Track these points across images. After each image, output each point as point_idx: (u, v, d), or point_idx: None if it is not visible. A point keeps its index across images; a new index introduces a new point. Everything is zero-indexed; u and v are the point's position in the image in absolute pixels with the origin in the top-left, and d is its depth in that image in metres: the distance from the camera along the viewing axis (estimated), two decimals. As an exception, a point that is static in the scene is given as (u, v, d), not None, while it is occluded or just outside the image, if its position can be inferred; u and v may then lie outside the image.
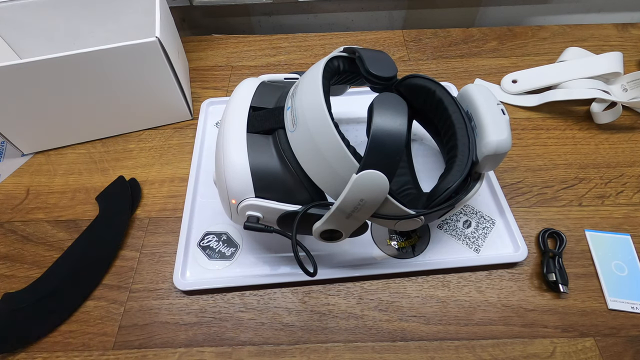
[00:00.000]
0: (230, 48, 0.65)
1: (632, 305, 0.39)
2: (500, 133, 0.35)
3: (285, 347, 0.37)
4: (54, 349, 0.38)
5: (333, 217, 0.32)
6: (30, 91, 0.44)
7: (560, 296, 0.40)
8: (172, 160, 0.51)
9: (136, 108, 0.51)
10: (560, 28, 0.66)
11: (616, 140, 0.52)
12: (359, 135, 0.52)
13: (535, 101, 0.56)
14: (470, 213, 0.45)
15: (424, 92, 0.41)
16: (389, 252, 0.42)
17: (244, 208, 0.33)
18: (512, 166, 0.49)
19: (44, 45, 0.54)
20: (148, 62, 0.46)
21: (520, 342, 0.37)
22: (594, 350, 0.37)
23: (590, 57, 0.57)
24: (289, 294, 0.40)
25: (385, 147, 0.29)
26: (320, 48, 0.65)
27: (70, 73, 0.44)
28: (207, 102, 0.56)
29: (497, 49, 0.64)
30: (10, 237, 0.45)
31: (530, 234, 0.44)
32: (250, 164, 0.33)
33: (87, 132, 0.53)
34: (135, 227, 0.45)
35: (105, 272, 0.42)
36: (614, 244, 0.43)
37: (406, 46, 0.65)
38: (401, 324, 0.38)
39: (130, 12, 0.54)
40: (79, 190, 0.49)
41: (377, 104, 0.31)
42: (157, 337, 0.38)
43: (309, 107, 0.32)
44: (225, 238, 0.44)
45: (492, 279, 0.41)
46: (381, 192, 0.30)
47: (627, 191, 0.47)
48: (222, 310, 0.40)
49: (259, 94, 0.38)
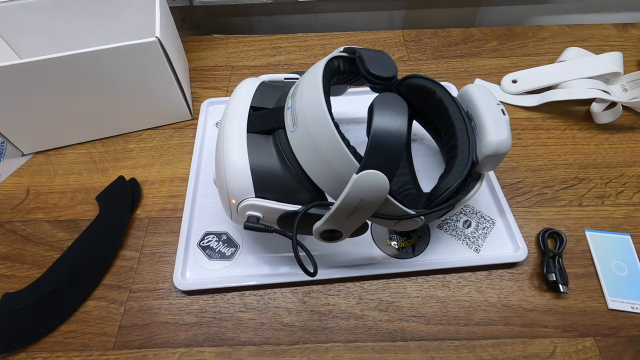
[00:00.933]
0: (230, 48, 0.65)
1: (632, 305, 0.39)
2: (500, 133, 0.35)
3: (285, 347, 0.37)
4: (54, 349, 0.38)
5: (333, 217, 0.32)
6: (30, 91, 0.44)
7: (560, 296, 0.40)
8: (172, 160, 0.51)
9: (136, 108, 0.51)
10: (560, 28, 0.66)
11: (616, 140, 0.52)
12: (359, 135, 0.52)
13: (535, 101, 0.56)
14: (470, 213, 0.45)
15: (424, 92, 0.41)
16: (389, 252, 0.42)
17: (244, 208, 0.33)
18: (512, 166, 0.49)
19: (44, 45, 0.54)
20: (148, 62, 0.46)
21: (520, 342, 0.37)
22: (594, 350, 0.37)
23: (590, 57, 0.57)
24: (289, 294, 0.40)
25: (385, 147, 0.29)
26: (320, 48, 0.65)
27: (70, 73, 0.44)
28: (207, 102, 0.56)
29: (497, 49, 0.64)
30: (10, 237, 0.45)
31: (530, 234, 0.44)
32: (250, 164, 0.33)
33: (87, 132, 0.53)
34: (135, 227, 0.45)
35: (105, 272, 0.42)
36: (614, 244, 0.43)
37: (406, 46, 0.65)
38: (401, 324, 0.38)
39: (130, 12, 0.54)
40: (79, 190, 0.49)
41: (377, 104, 0.31)
42: (157, 337, 0.38)
43: (309, 107, 0.32)
44: (225, 238, 0.44)
45: (492, 279, 0.41)
46: (381, 192, 0.30)
47: (627, 191, 0.47)
48: (222, 310, 0.40)
49: (259, 94, 0.38)
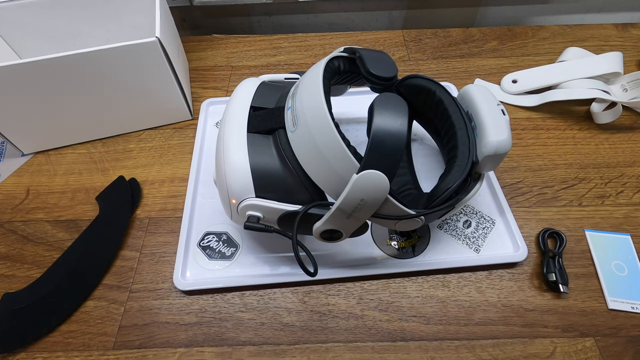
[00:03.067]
0: (230, 48, 0.65)
1: (632, 305, 0.39)
2: (500, 133, 0.35)
3: (285, 347, 0.37)
4: (54, 349, 0.38)
5: (333, 217, 0.32)
6: (30, 91, 0.44)
7: (560, 296, 0.40)
8: (172, 160, 0.51)
9: (136, 108, 0.51)
10: (560, 28, 0.66)
11: (616, 140, 0.52)
12: (359, 135, 0.52)
13: (535, 101, 0.56)
14: (470, 213, 0.45)
15: (424, 92, 0.41)
16: (389, 252, 0.42)
17: (244, 208, 0.33)
18: (512, 166, 0.49)
19: (44, 45, 0.54)
20: (148, 62, 0.46)
21: (520, 342, 0.37)
22: (594, 350, 0.37)
23: (590, 57, 0.57)
24: (289, 294, 0.40)
25: (385, 147, 0.29)
26: (320, 48, 0.65)
27: (70, 73, 0.44)
28: (207, 102, 0.56)
29: (497, 49, 0.64)
30: (10, 237, 0.45)
31: (530, 234, 0.44)
32: (250, 164, 0.33)
33: (87, 132, 0.53)
34: (135, 227, 0.45)
35: (105, 272, 0.42)
36: (614, 244, 0.43)
37: (406, 46, 0.65)
38: (401, 324, 0.38)
39: (130, 12, 0.54)
40: (79, 190, 0.49)
41: (377, 104, 0.31)
42: (157, 337, 0.38)
43: (310, 107, 0.32)
44: (225, 238, 0.44)
45: (492, 279, 0.41)
46: (381, 192, 0.30)
47: (627, 191, 0.47)
48: (222, 310, 0.40)
49: (259, 94, 0.38)
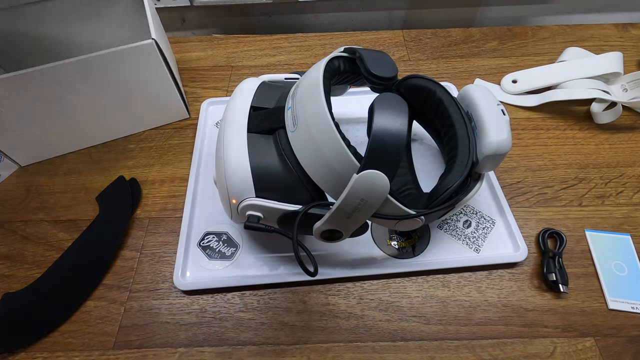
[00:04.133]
0: (230, 48, 0.65)
1: (632, 305, 0.39)
2: (500, 133, 0.35)
3: (285, 347, 0.37)
4: (54, 349, 0.38)
5: (333, 217, 0.32)
6: (26, 102, 0.43)
7: (560, 296, 0.40)
8: (172, 160, 0.51)
9: (135, 110, 0.51)
10: (560, 28, 0.66)
11: (616, 140, 0.52)
12: (359, 135, 0.52)
13: (535, 101, 0.56)
14: (470, 213, 0.45)
15: (424, 92, 0.41)
16: (389, 252, 0.42)
17: (244, 208, 0.33)
18: (512, 166, 0.49)
19: (31, 52, 0.54)
20: (145, 64, 0.46)
21: (520, 342, 0.37)
22: (594, 350, 0.37)
23: (590, 57, 0.57)
24: (289, 294, 0.40)
25: (385, 147, 0.29)
26: (320, 48, 0.65)
27: (68, 80, 0.43)
28: (207, 102, 0.56)
29: (497, 49, 0.64)
30: (10, 237, 0.45)
31: (530, 234, 0.44)
32: (250, 164, 0.33)
33: (85, 140, 0.52)
34: (135, 227, 0.45)
35: (105, 272, 0.42)
36: (614, 244, 0.43)
37: (406, 46, 0.65)
38: (401, 324, 0.38)
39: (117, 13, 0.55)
40: (79, 190, 0.49)
41: (377, 104, 0.31)
42: (157, 337, 0.38)
43: (310, 107, 0.32)
44: (225, 238, 0.44)
45: (492, 279, 0.41)
46: (382, 192, 0.30)
47: (627, 191, 0.47)
48: (222, 310, 0.40)
49: (259, 93, 0.38)
